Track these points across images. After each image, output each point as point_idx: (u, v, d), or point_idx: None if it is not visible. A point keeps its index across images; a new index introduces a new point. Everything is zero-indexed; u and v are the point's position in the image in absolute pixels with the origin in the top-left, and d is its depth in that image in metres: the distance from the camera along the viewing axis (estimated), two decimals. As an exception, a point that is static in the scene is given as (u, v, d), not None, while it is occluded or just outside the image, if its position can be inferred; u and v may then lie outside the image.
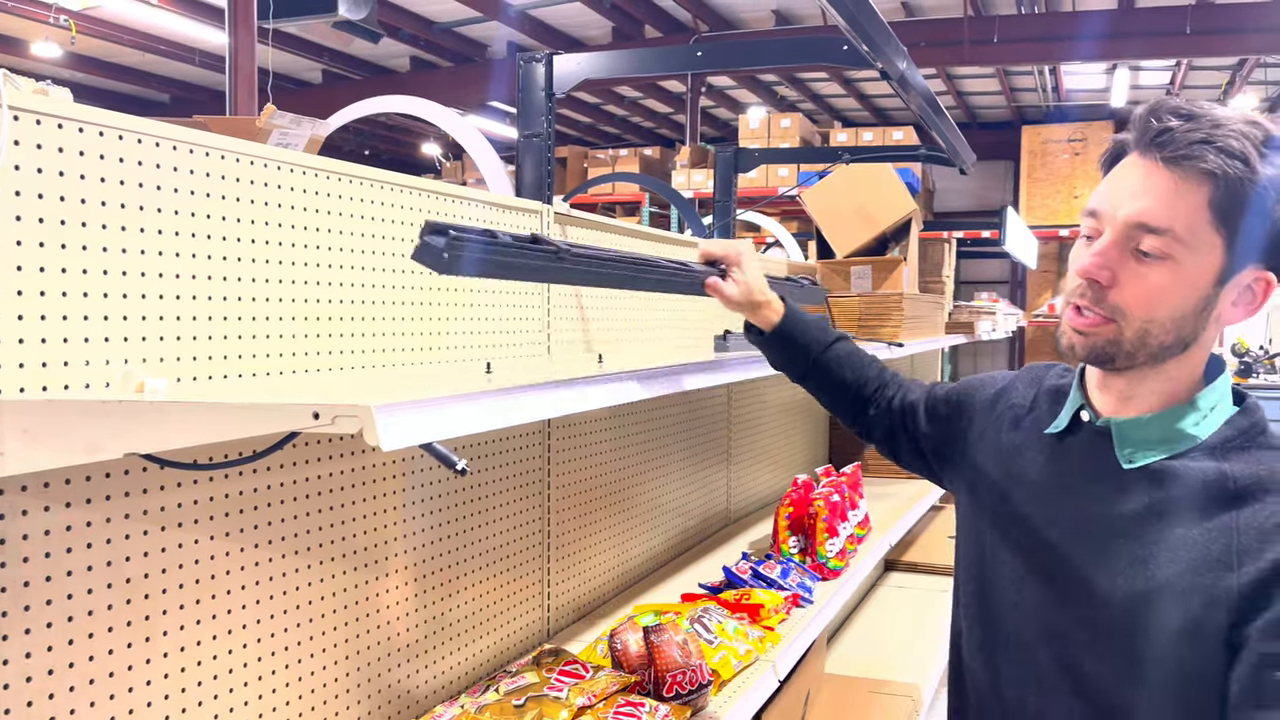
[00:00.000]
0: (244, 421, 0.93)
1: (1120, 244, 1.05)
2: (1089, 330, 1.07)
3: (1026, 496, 1.18)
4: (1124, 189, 1.05)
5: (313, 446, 1.54)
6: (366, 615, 1.67)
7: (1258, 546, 0.99)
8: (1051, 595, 1.11)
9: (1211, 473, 1.04)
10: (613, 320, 2.48)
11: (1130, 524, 1.06)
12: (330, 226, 1.56)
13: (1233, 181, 0.99)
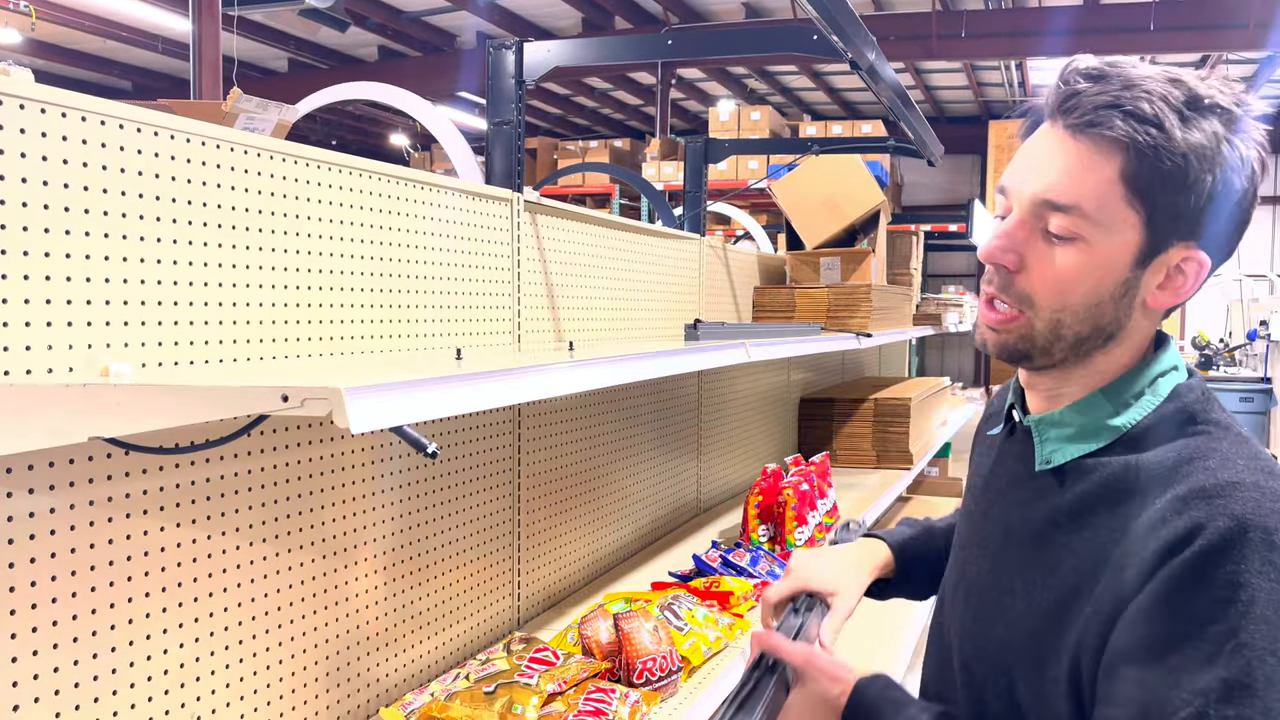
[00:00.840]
0: (211, 404, 0.93)
1: (1027, 224, 0.94)
2: (1000, 326, 0.97)
3: (970, 503, 1.15)
4: (1030, 163, 0.94)
5: (281, 433, 1.53)
6: (335, 603, 1.66)
7: (1142, 545, 0.87)
8: (974, 608, 1.04)
9: (1118, 468, 0.93)
10: (584, 309, 2.48)
11: (1040, 529, 0.97)
12: (299, 213, 1.55)
13: (1146, 150, 0.87)
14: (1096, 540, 0.90)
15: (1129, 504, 0.90)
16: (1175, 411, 0.94)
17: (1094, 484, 0.94)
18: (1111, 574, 0.87)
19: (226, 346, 1.41)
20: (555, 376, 1.31)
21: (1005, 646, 0.97)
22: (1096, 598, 0.88)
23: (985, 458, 1.14)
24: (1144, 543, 0.86)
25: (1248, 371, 10.67)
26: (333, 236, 1.62)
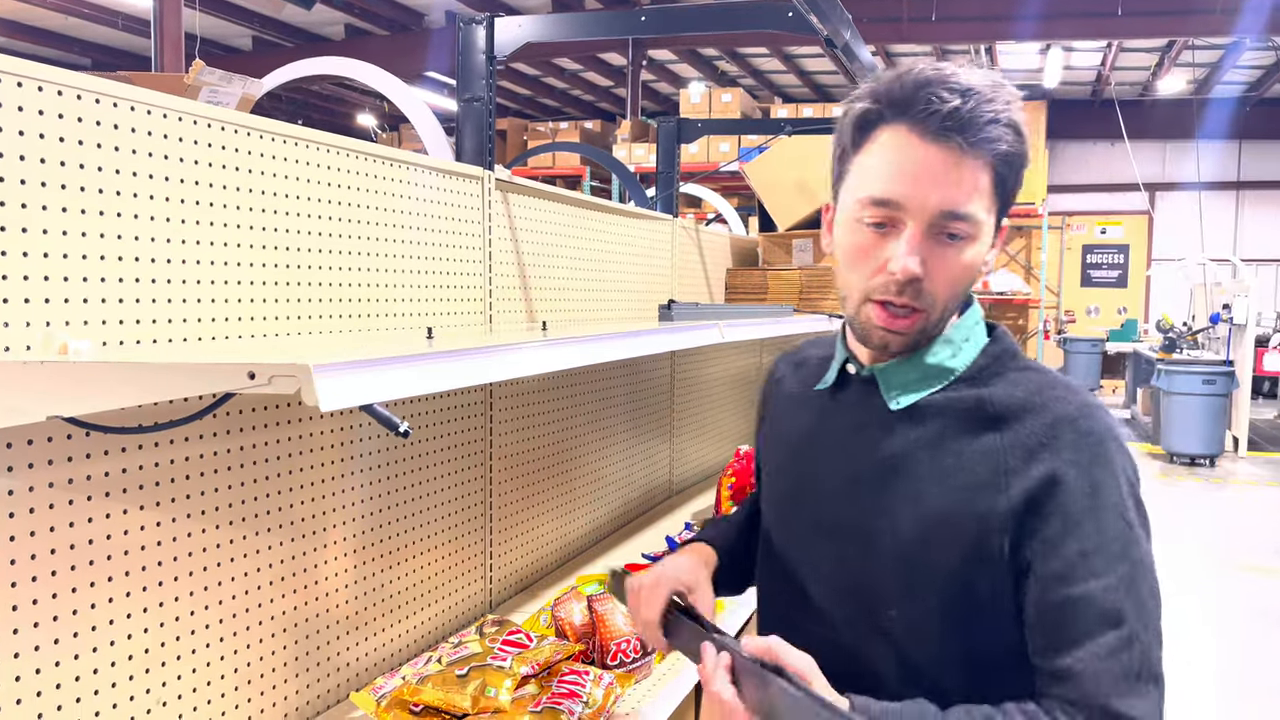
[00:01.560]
0: (175, 382, 0.90)
1: (929, 236, 1.01)
2: (909, 329, 1.05)
3: (803, 455, 1.17)
4: (927, 177, 0.99)
5: (249, 414, 1.49)
6: (305, 586, 1.64)
7: (1022, 466, 1.01)
8: (838, 548, 1.10)
9: (970, 400, 1.06)
10: (557, 290, 2.45)
11: (900, 463, 1.06)
12: (264, 189, 1.51)
13: (1012, 155, 1.01)
14: (974, 454, 1.03)
15: (996, 429, 1.04)
16: (1001, 352, 1.10)
17: (952, 416, 1.06)
18: (1012, 475, 1.01)
19: (191, 325, 1.38)
20: (527, 356, 1.29)
21: (895, 562, 1.06)
22: (1002, 495, 1.01)
23: (804, 414, 1.20)
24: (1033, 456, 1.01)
25: (1210, 354, 10.82)
26: (299, 214, 1.59)
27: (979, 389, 1.07)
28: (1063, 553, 0.99)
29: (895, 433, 1.08)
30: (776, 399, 1.30)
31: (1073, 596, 0.98)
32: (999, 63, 14.77)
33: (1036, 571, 1.00)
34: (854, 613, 1.10)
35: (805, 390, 1.23)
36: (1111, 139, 15.79)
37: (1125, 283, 17.34)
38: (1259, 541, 6.87)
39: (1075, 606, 0.98)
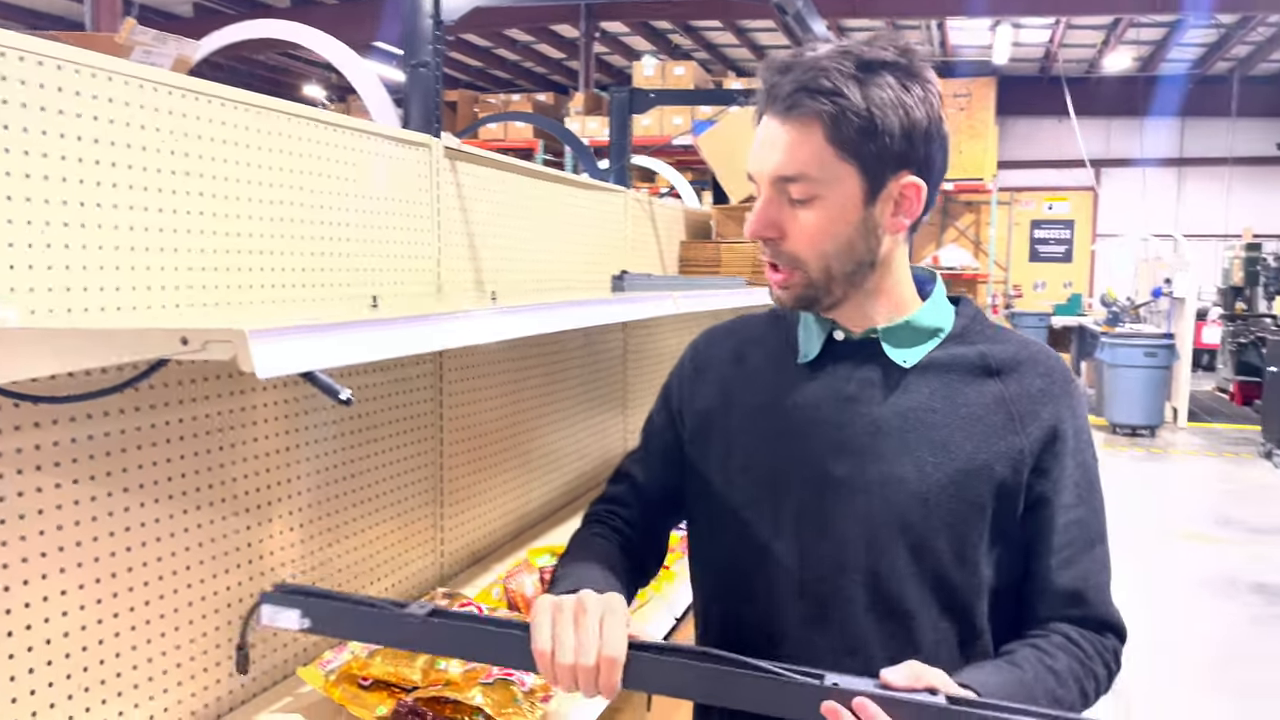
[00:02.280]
0: (106, 348, 0.86)
1: (775, 199, 1.11)
2: (787, 283, 1.14)
3: (805, 420, 1.17)
4: (761, 150, 1.11)
5: (187, 385, 1.45)
6: (250, 562, 1.60)
7: (1032, 410, 1.15)
8: (858, 502, 1.12)
9: (973, 355, 1.17)
10: (508, 260, 2.42)
11: (920, 414, 1.14)
12: (204, 153, 1.46)
13: (838, 115, 1.06)
14: (984, 402, 1.15)
15: (999, 379, 1.16)
16: (975, 314, 1.22)
17: (957, 371, 1.16)
18: (1024, 422, 1.14)
19: (125, 294, 1.33)
20: (475, 324, 1.26)
21: (931, 510, 1.11)
22: (1024, 441, 1.13)
23: (786, 386, 1.20)
24: (1040, 405, 1.16)
25: (1151, 328, 11.06)
26: (240, 179, 1.54)
27: (976, 345, 1.18)
28: (1068, 485, 1.15)
29: (909, 388, 1.15)
30: (728, 373, 1.27)
31: (1077, 522, 1.15)
32: (950, 39, 14.87)
33: (1053, 503, 1.14)
34: (865, 566, 1.12)
35: (775, 364, 1.22)
36: (1059, 116, 15.99)
37: (1071, 258, 17.63)
38: (1197, 510, 7.06)
39: (1078, 530, 1.16)
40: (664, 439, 1.34)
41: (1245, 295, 12.68)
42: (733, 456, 1.21)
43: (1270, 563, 5.80)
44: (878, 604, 1.12)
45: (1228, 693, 4.10)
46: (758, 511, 1.18)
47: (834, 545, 1.13)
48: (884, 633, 1.12)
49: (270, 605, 1.11)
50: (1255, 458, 8.85)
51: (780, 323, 1.27)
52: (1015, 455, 1.13)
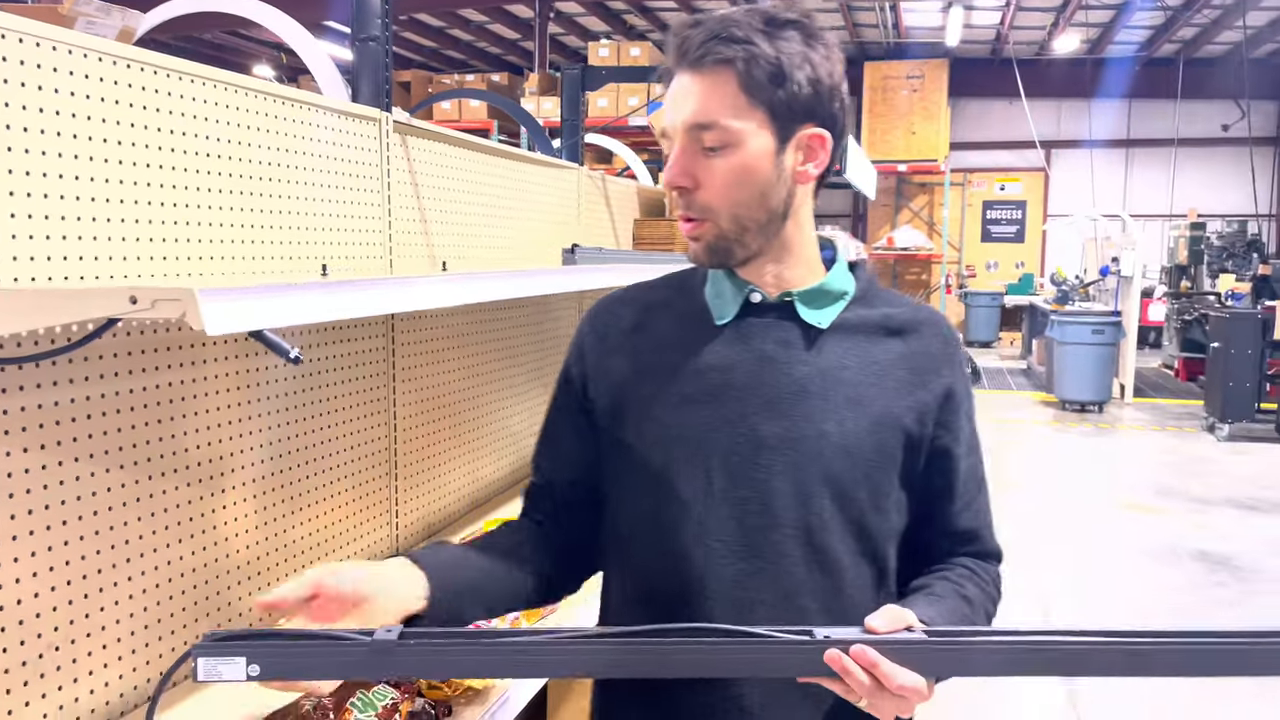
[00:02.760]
0: (55, 308, 0.88)
1: (689, 149, 1.14)
2: (698, 233, 1.17)
3: (728, 381, 1.19)
4: (673, 103, 1.15)
5: (138, 356, 1.46)
6: (203, 532, 1.62)
7: (933, 369, 1.23)
8: (786, 456, 1.16)
9: (877, 317, 1.23)
10: (459, 235, 2.43)
11: (837, 371, 1.19)
12: (149, 123, 1.46)
13: (749, 63, 1.11)
14: (891, 359, 1.22)
15: (901, 338, 1.23)
16: (870, 279, 1.27)
17: (864, 331, 1.22)
18: (926, 378, 1.22)
19: (73, 264, 1.33)
20: (423, 289, 1.28)
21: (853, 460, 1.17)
22: (927, 395, 1.21)
23: (700, 347, 1.21)
24: (939, 363, 1.24)
25: (1100, 306, 11.29)
26: (188, 151, 1.54)
27: (878, 308, 1.24)
28: (964, 438, 1.25)
29: (824, 348, 1.20)
30: (639, 344, 1.26)
31: (971, 469, 1.26)
32: (903, 21, 14.98)
33: (953, 453, 1.23)
34: (797, 517, 1.15)
35: (690, 329, 1.23)
36: (1010, 97, 16.19)
37: (1023, 238, 17.90)
38: (1140, 481, 7.25)
39: (972, 477, 1.27)
40: (574, 421, 1.31)
41: (1190, 274, 12.97)
42: (654, 422, 1.20)
43: (1211, 531, 5.98)
44: (810, 554, 1.16)
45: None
46: (687, 474, 1.17)
47: (768, 501, 1.15)
48: (813, 581, 1.16)
49: (206, 658, 0.92)
50: (1199, 431, 9.09)
51: (684, 288, 1.29)
52: (920, 409, 1.21)
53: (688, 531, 1.17)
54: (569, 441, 1.32)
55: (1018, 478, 7.30)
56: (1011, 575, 1.37)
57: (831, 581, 1.17)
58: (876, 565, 1.21)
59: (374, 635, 0.95)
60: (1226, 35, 14.52)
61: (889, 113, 16.21)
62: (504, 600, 1.23)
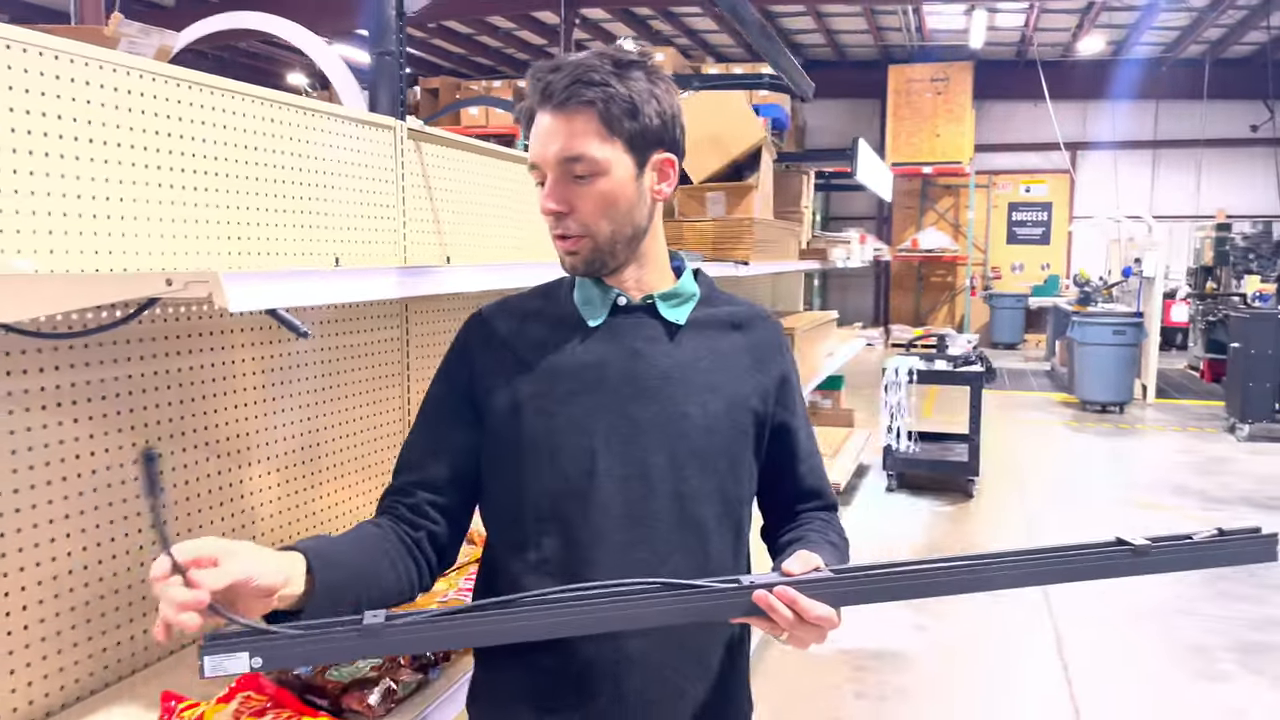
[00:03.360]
0: (103, 290, 1.05)
1: (561, 179, 1.31)
2: (575, 249, 1.34)
3: (602, 375, 1.34)
4: (543, 139, 1.31)
5: (174, 340, 1.63)
6: (232, 500, 1.79)
7: (770, 357, 1.45)
8: (658, 438, 1.32)
9: (723, 315, 1.44)
10: (472, 236, 2.60)
11: (695, 361, 1.38)
12: (188, 133, 1.64)
13: (607, 103, 1.28)
14: (735, 350, 1.42)
15: (741, 332, 1.44)
16: (710, 284, 1.49)
17: (713, 326, 1.43)
18: (765, 365, 1.44)
19: (117, 257, 1.51)
20: (429, 277, 1.45)
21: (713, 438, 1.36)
22: (766, 380, 1.43)
23: (576, 348, 1.36)
24: (772, 352, 1.46)
25: (1123, 307, 11.30)
26: (219, 157, 1.72)
27: (720, 307, 1.46)
28: (800, 413, 1.48)
29: (682, 342, 1.39)
30: (520, 351, 1.38)
31: (809, 438, 1.49)
32: (926, 24, 15.04)
33: (793, 426, 1.46)
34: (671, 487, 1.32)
35: (564, 332, 1.38)
36: (1035, 99, 16.19)
37: (1048, 239, 17.88)
38: (1155, 480, 7.30)
39: (810, 444, 1.49)
40: (458, 422, 1.39)
41: (1216, 275, 12.93)
42: (543, 414, 1.33)
43: (1222, 528, 6.03)
44: (681, 519, 1.33)
45: (1167, 645, 4.33)
46: (574, 457, 1.31)
47: (646, 474, 1.32)
48: (685, 544, 1.32)
49: (212, 655, 1.02)
50: (1219, 432, 9.10)
51: (551, 297, 1.44)
52: (763, 391, 1.42)
53: (578, 506, 1.31)
54: (452, 441, 1.39)
55: (1028, 475, 7.38)
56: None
57: (699, 542, 1.34)
58: (735, 527, 1.39)
59: (364, 621, 1.05)
60: (1253, 36, 14.45)
61: (913, 115, 16.27)
62: (377, 598, 1.25)
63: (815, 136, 17.63)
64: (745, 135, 3.95)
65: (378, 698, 1.41)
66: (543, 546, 1.32)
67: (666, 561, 1.30)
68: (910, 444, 6.76)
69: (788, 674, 3.99)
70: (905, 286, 18.40)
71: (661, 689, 1.31)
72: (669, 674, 1.31)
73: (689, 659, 1.34)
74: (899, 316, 18.22)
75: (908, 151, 16.29)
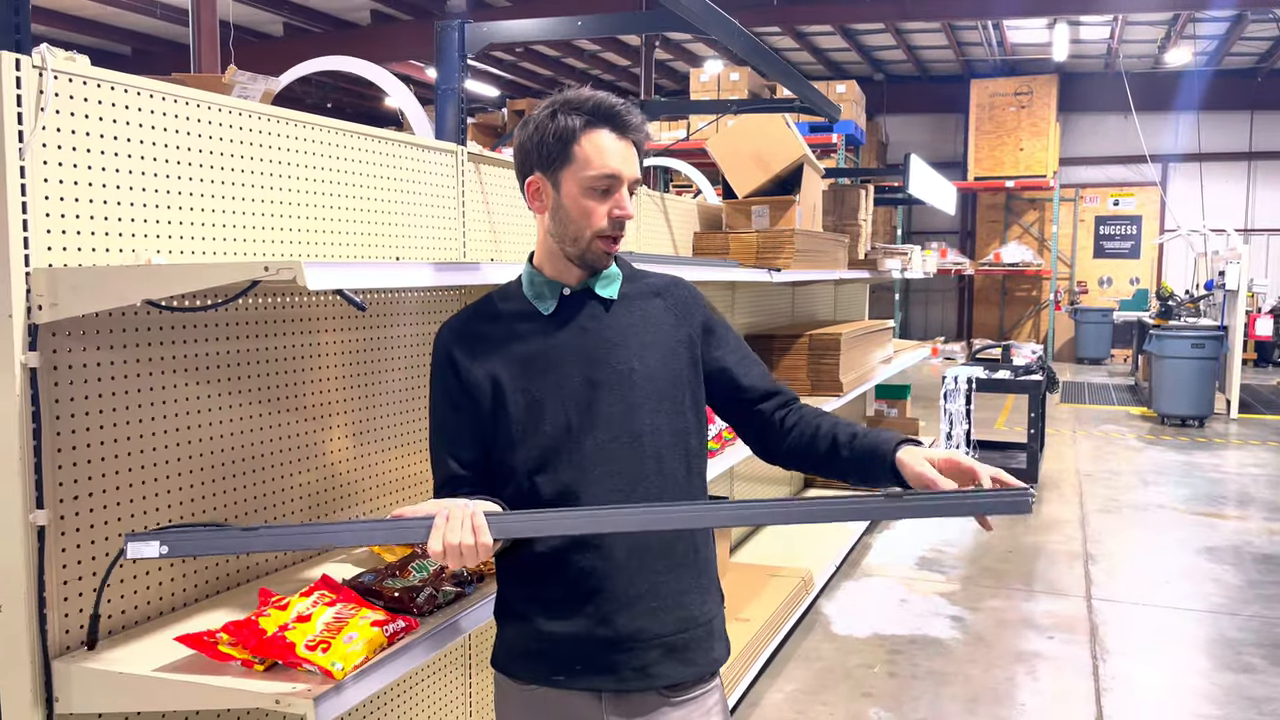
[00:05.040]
0: (219, 274, 1.46)
1: (628, 193, 1.67)
2: (614, 251, 1.69)
3: (557, 354, 1.68)
4: (621, 158, 1.64)
5: (274, 324, 2.06)
6: (315, 456, 2.21)
7: (688, 311, 1.78)
8: (612, 392, 1.66)
9: (644, 286, 1.77)
10: (528, 244, 3.00)
11: (629, 328, 1.71)
12: (281, 159, 2.07)
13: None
14: (659, 312, 1.75)
15: (661, 298, 1.77)
16: (629, 263, 1.81)
17: (638, 298, 1.75)
18: (685, 319, 1.76)
19: (228, 257, 1.94)
20: (470, 270, 1.83)
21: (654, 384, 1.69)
22: (689, 329, 1.76)
23: (537, 335, 1.70)
24: (690, 308, 1.78)
25: (1208, 321, 11.17)
26: (306, 179, 2.14)
27: (641, 281, 1.78)
28: (730, 344, 1.81)
29: (616, 313, 1.72)
30: (494, 347, 1.70)
31: (745, 356, 1.82)
32: (1008, 38, 15.06)
33: (726, 355, 1.79)
34: (629, 428, 1.66)
35: (525, 324, 1.71)
36: (1123, 111, 16.03)
37: (1138, 254, 17.59)
38: (1220, 492, 7.30)
39: (749, 359, 1.83)
40: (462, 412, 1.69)
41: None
42: (521, 392, 1.66)
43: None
44: (641, 453, 1.66)
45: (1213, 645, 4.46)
46: (552, 421, 1.66)
47: (608, 422, 1.66)
48: (646, 471, 1.66)
49: (133, 543, 1.42)
50: (1301, 447, 8.98)
51: (507, 297, 1.75)
52: (688, 339, 1.75)
53: (562, 457, 1.65)
54: (466, 431, 1.70)
55: (1090, 484, 7.45)
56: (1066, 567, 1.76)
57: (657, 466, 1.67)
58: (684, 451, 1.73)
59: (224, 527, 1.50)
60: (1351, 44, 14.09)
61: (996, 129, 16.26)
62: None
63: (897, 151, 17.71)
64: (785, 153, 4.28)
65: (423, 599, 1.79)
66: (540, 491, 1.66)
67: (636, 488, 1.64)
68: (969, 451, 6.93)
69: (824, 655, 4.27)
70: (989, 301, 18.30)
71: (641, 584, 1.65)
72: (645, 572, 1.65)
73: (658, 558, 1.67)
74: (982, 331, 18.14)
75: (990, 165, 16.28)
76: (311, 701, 1.44)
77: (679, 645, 1.68)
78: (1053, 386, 7.34)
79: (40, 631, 1.59)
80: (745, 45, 3.07)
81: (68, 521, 1.65)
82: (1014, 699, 3.87)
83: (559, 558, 1.65)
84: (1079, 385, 13.75)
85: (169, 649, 1.63)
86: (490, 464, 1.71)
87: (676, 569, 1.69)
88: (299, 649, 1.53)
